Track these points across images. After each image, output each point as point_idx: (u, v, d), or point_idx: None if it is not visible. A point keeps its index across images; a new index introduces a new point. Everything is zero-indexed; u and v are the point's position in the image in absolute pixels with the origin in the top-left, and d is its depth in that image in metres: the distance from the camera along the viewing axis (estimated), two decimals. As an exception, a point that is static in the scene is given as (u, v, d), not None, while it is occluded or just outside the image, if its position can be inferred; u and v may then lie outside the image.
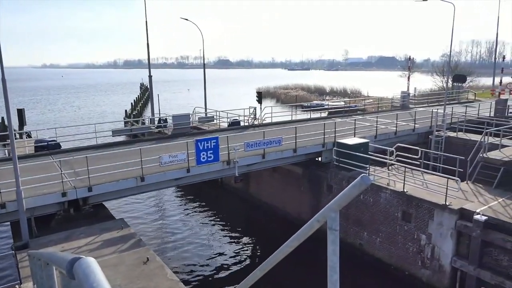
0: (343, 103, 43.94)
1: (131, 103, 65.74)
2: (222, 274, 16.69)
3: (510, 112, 29.51)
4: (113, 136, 23.33)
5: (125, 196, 15.88)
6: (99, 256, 10.85)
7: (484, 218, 12.98)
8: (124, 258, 10.79)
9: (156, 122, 30.01)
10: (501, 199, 14.58)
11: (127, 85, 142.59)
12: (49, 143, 20.20)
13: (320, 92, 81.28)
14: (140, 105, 66.49)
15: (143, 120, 40.23)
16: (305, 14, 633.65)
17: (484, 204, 14.09)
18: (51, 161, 17.12)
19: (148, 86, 34.06)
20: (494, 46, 50.06)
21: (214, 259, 17.80)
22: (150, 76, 32.24)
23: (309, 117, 30.14)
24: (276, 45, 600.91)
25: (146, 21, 31.14)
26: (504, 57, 69.43)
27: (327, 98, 72.76)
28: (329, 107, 40.00)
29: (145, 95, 77.58)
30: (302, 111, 40.48)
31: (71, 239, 11.90)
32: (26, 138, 23.68)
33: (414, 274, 15.23)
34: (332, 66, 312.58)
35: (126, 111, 56.96)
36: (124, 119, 49.36)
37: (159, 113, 34.81)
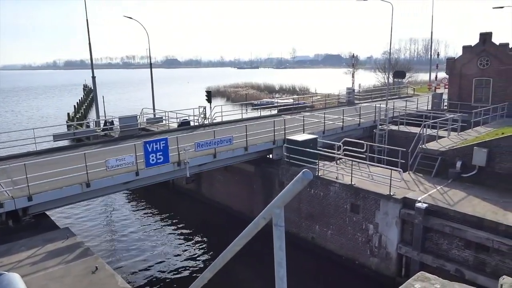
0: (292, 100, 44.79)
1: (74, 106, 62.60)
2: (176, 277, 16.40)
3: (445, 105, 31.62)
4: (54, 141, 22.03)
5: (70, 203, 15.07)
6: (43, 269, 10.24)
7: (425, 205, 13.82)
8: (70, 269, 10.25)
9: (101, 125, 28.86)
10: (439, 187, 15.60)
11: (68, 87, 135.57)
12: (-19, 151, 18.69)
13: (270, 90, 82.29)
14: (84, 107, 63.56)
15: (88, 123, 38.54)
16: (253, 13, 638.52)
17: (424, 192, 15.00)
18: (-16, 170, 15.84)
19: (92, 88, 32.67)
20: (430, 44, 53.46)
21: (167, 263, 17.44)
22: (93, 77, 30.94)
23: (259, 115, 30.39)
24: (225, 44, 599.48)
25: (87, 19, 29.80)
26: (438, 54, 74.25)
27: (277, 96, 73.78)
28: (279, 104, 40.60)
29: (89, 97, 74.25)
30: (252, 109, 40.72)
31: (10, 253, 11.10)
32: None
33: (363, 263, 15.88)
34: (280, 64, 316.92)
35: (68, 114, 54.09)
36: (67, 122, 46.93)
37: (105, 115, 33.50)
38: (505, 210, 13.33)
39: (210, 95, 31.34)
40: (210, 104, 29.77)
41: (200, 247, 19.03)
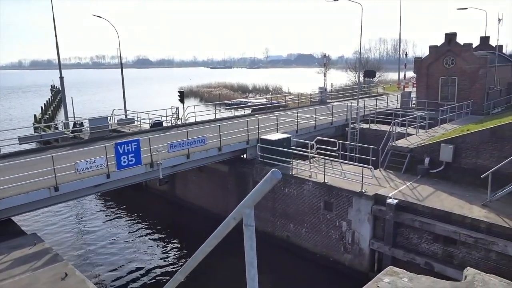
0: (266, 100, 44.96)
1: (41, 107, 60.53)
2: (149, 281, 16.13)
3: (414, 104, 32.53)
4: (20, 144, 21.24)
5: (38, 208, 14.53)
6: (9, 277, 9.84)
7: (395, 201, 14.17)
8: (38, 276, 9.90)
9: (70, 127, 28.06)
10: (408, 183, 16.04)
11: (33, 88, 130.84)
12: None
13: (243, 90, 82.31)
14: (52, 109, 61.55)
15: (56, 125, 37.35)
16: (226, 12, 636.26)
17: (395, 189, 15.38)
18: None
19: (60, 89, 31.70)
20: (398, 44, 55.05)
21: (140, 267, 17.13)
22: (61, 78, 30.02)
23: (232, 115, 30.33)
24: (198, 44, 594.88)
25: (54, 17, 28.87)
26: (406, 54, 76.46)
27: (250, 95, 73.88)
28: (252, 104, 40.67)
29: (57, 98, 71.99)
30: (226, 109, 40.62)
31: (-26, 262, 10.62)
32: None
33: (337, 260, 16.13)
34: (253, 63, 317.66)
35: (35, 115, 52.26)
36: (34, 124, 45.33)
37: (74, 117, 32.60)
38: (470, 204, 13.86)
39: (183, 96, 31.01)
40: (183, 105, 29.47)
41: (174, 249, 18.80)
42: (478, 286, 3.78)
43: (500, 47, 34.39)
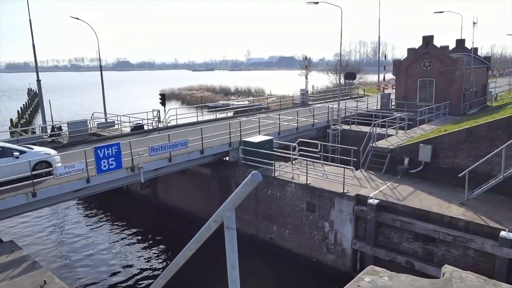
0: (248, 102, 44.97)
1: (18, 111, 59.01)
2: (132, 286, 15.90)
3: (393, 105, 33.11)
4: (-4, 149, 20.61)
5: (15, 215, 14.14)
6: (-15, 286, 9.56)
7: (376, 201, 14.38)
8: (16, 285, 9.65)
9: (49, 131, 27.44)
10: (389, 183, 16.30)
11: (7, 92, 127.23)
12: None
13: (225, 92, 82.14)
14: (29, 112, 60.05)
15: (33, 129, 36.47)
16: (207, 15, 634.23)
17: (375, 189, 15.61)
18: None
19: (38, 92, 30.98)
20: (378, 46, 55.92)
21: (122, 273, 16.86)
22: (38, 81, 29.32)
23: (215, 117, 30.25)
24: (179, 46, 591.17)
25: (30, 19, 28.20)
26: (386, 56, 77.71)
27: (232, 98, 73.79)
28: (234, 106, 40.62)
29: (35, 101, 70.34)
30: (208, 111, 40.51)
31: None
32: None
33: (320, 260, 16.25)
34: (235, 66, 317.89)
35: (11, 120, 50.89)
36: (10, 129, 44.13)
37: (52, 121, 31.90)
38: (448, 202, 14.18)
39: (164, 98, 30.71)
40: (165, 107, 29.22)
41: (157, 253, 18.58)
42: (455, 282, 3.88)
43: (475, 49, 35.40)
